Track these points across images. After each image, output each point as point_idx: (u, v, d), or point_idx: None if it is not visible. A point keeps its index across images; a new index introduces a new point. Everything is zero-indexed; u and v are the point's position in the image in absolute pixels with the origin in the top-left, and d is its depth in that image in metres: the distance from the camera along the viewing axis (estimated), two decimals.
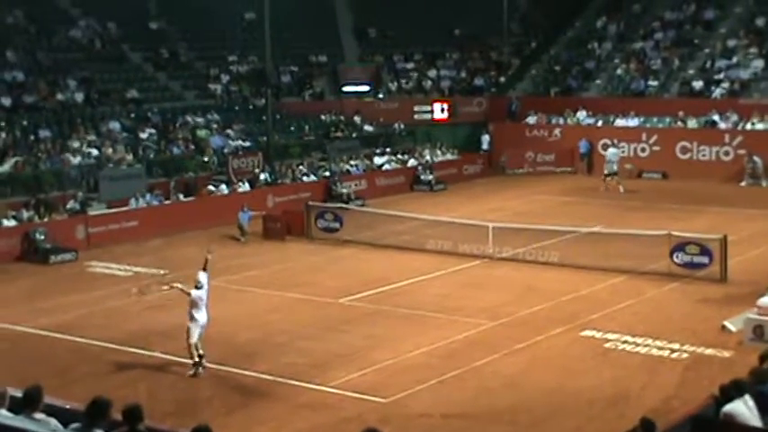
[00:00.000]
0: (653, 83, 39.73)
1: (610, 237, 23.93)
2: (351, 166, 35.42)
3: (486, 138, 41.06)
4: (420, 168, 36.53)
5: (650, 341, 16.98)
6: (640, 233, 22.99)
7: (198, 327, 15.85)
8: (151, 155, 32.29)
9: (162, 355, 16.75)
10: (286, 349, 17.19)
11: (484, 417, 14.06)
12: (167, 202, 29.64)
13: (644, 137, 37.59)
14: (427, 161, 37.43)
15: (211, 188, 31.15)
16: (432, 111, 42.91)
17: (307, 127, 38.43)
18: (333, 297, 20.64)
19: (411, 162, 37.13)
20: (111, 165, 30.38)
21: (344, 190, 32.75)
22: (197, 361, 15.76)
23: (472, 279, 22.22)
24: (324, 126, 38.86)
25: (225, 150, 33.71)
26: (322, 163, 35.46)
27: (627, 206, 30.82)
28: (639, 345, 16.90)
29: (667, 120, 37.98)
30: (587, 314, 18.77)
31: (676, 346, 16.64)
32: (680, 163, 36.49)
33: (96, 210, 27.99)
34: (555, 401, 14.46)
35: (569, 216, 28.52)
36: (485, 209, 30.10)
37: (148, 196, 29.05)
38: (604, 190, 33.71)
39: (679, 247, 21.63)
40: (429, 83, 44.40)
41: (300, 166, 34.19)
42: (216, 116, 36.54)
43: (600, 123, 39.27)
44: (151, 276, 22.48)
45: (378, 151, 37.88)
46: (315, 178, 33.71)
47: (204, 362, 15.79)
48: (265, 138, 34.83)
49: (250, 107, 39.05)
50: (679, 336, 17.21)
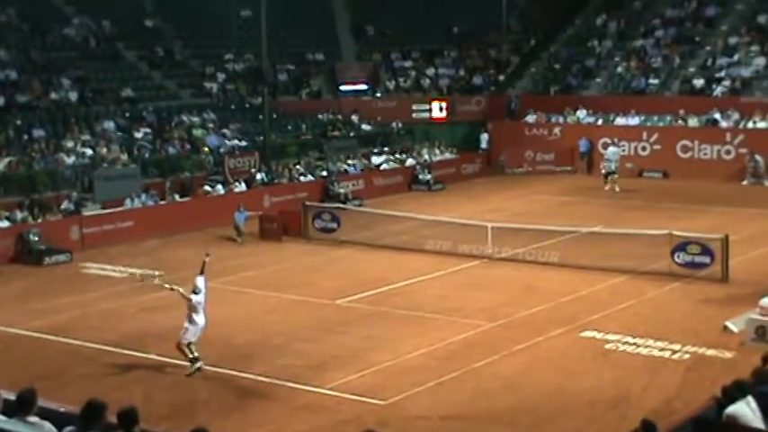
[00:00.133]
0: (653, 81, 39.56)
1: (610, 237, 23.82)
2: (348, 166, 35.24)
3: (484, 137, 40.87)
4: (418, 168, 36.31)
5: (651, 342, 16.86)
6: (641, 233, 22.90)
7: (196, 330, 15.78)
8: (146, 154, 32.08)
9: (157, 357, 16.63)
10: (283, 351, 17.08)
11: (483, 418, 13.96)
12: (163, 203, 29.45)
13: (644, 135, 37.40)
14: (425, 160, 37.23)
15: (207, 188, 30.95)
16: (430, 109, 42.70)
17: (304, 126, 38.25)
18: (330, 298, 20.50)
19: (409, 161, 36.92)
20: (105, 165, 30.18)
21: (342, 190, 32.56)
22: (194, 356, 15.60)
23: (471, 280, 22.07)
24: (321, 125, 38.69)
25: (221, 150, 33.53)
26: (319, 162, 35.26)
27: (627, 206, 30.70)
28: (640, 345, 16.77)
29: (668, 118, 37.78)
30: (587, 315, 18.65)
31: (678, 347, 16.52)
32: (681, 162, 36.30)
33: (91, 210, 27.80)
34: (555, 403, 14.34)
35: (569, 216, 28.40)
36: (484, 208, 29.96)
37: (144, 196, 28.87)
38: (608, 189, 33.50)
39: (680, 247, 21.50)
40: (427, 81, 44.22)
41: (297, 166, 33.99)
42: (212, 115, 36.36)
43: (600, 122, 39.09)
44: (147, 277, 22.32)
45: (375, 150, 37.67)
46: (312, 178, 33.51)
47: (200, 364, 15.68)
48: (262, 137, 34.65)
49: (246, 106, 38.85)
50: (680, 336, 17.10)
